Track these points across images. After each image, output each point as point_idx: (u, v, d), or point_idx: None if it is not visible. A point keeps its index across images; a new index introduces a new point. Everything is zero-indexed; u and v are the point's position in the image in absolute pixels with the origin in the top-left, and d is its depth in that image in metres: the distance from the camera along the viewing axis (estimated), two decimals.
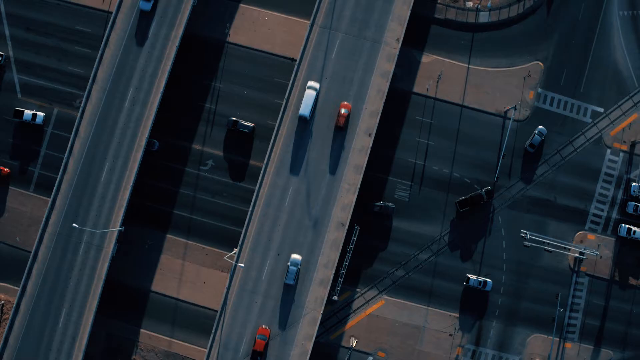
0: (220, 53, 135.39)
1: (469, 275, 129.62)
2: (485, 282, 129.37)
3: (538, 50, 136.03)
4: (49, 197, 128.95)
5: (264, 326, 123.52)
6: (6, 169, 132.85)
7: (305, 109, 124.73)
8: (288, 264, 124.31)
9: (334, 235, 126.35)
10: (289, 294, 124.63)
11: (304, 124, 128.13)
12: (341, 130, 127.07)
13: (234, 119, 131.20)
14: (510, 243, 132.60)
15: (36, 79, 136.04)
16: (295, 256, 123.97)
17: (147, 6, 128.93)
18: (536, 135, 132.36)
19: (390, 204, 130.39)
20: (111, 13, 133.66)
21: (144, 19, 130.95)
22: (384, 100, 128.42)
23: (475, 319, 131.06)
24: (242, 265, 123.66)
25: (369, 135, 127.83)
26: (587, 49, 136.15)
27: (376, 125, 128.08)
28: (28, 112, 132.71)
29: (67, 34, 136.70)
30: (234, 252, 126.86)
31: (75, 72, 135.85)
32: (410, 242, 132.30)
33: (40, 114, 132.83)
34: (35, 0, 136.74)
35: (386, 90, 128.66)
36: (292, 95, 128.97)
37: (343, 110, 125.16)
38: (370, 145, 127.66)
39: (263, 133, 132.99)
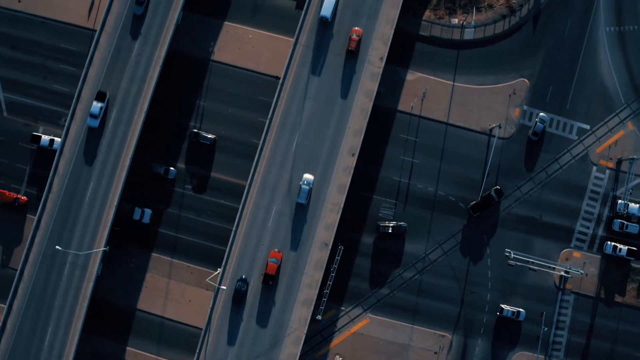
0: (205, 71, 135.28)
1: (502, 306, 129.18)
2: (518, 312, 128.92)
3: (524, 67, 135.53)
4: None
5: (276, 250, 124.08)
6: (24, 197, 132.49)
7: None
8: (300, 183, 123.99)
9: (317, 255, 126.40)
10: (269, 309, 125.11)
11: (287, 145, 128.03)
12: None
13: (195, 130, 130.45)
14: (496, 261, 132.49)
15: (22, 97, 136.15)
16: (308, 176, 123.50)
17: (140, 10, 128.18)
18: (538, 123, 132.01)
19: (402, 223, 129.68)
20: (96, 31, 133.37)
21: (128, 38, 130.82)
22: (367, 120, 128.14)
23: (461, 337, 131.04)
24: (225, 287, 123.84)
25: (353, 155, 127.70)
26: (574, 65, 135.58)
27: (359, 144, 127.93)
28: (45, 138, 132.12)
29: (53, 52, 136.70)
30: (217, 272, 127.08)
31: (61, 90, 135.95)
32: (394, 261, 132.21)
33: (58, 140, 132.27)
34: (20, 18, 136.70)
35: (369, 110, 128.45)
36: (275, 114, 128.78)
37: None
38: (354, 164, 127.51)
39: (248, 151, 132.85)
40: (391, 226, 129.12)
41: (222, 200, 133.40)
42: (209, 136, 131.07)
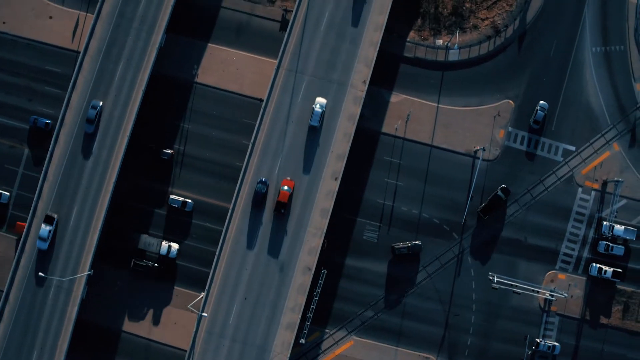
0: (189, 93, 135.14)
1: (538, 340, 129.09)
2: (554, 346, 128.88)
3: (509, 89, 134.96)
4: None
5: (288, 178, 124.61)
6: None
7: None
8: (313, 106, 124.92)
9: (300, 280, 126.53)
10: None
11: (270, 169, 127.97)
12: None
13: (153, 145, 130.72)
14: (480, 283, 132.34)
15: (7, 119, 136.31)
16: (321, 99, 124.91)
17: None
18: (539, 111, 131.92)
19: (417, 242, 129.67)
20: (80, 53, 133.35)
21: (112, 63, 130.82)
22: (350, 144, 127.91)
23: (445, 359, 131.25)
24: (206, 314, 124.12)
25: (335, 179, 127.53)
26: (559, 86, 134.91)
27: (342, 168, 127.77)
28: None
29: (38, 74, 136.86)
30: (201, 296, 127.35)
31: (46, 112, 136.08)
32: (379, 283, 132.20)
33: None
34: (5, 40, 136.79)
35: (352, 134, 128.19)
36: (258, 139, 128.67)
37: None
38: (337, 189, 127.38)
39: (232, 174, 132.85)
40: (407, 246, 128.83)
41: (207, 223, 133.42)
42: (167, 151, 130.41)
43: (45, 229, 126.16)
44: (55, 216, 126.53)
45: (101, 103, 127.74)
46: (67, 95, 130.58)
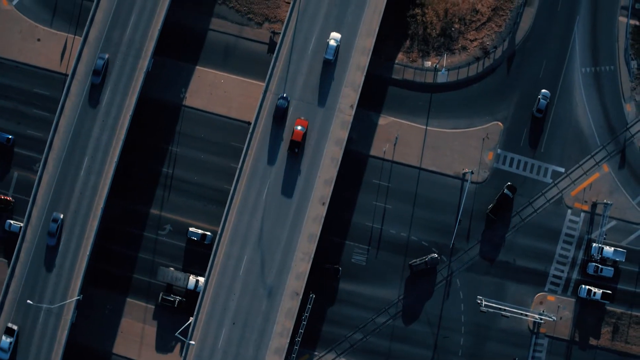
0: (177, 117, 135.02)
1: None
2: None
3: (498, 110, 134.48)
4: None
5: (302, 117, 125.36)
6: None
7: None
8: (328, 40, 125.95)
9: (288, 304, 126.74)
10: None
11: (258, 194, 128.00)
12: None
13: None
14: (469, 306, 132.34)
15: None
16: (336, 34, 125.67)
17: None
18: (541, 100, 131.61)
19: (432, 255, 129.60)
20: (68, 76, 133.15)
21: (99, 87, 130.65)
22: (337, 168, 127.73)
23: None
24: (193, 343, 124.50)
25: (323, 204, 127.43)
26: (548, 107, 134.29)
27: (330, 194, 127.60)
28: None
29: (26, 97, 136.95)
30: (189, 322, 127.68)
31: (35, 135, 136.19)
32: (367, 306, 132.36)
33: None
34: None
35: (340, 158, 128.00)
36: (245, 164, 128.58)
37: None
38: (324, 214, 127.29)
39: (220, 197, 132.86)
40: (424, 261, 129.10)
41: (195, 247, 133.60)
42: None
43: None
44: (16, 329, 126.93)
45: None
46: (55, 120, 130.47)
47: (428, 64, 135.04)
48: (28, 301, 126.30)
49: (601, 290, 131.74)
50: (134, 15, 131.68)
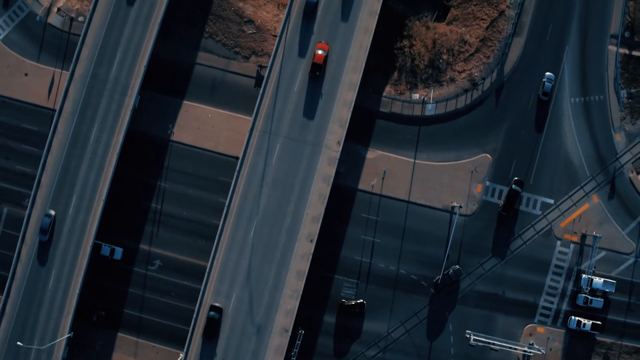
0: (165, 152, 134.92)
1: None
2: None
3: (486, 143, 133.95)
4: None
5: (322, 41, 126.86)
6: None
7: None
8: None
9: (277, 341, 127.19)
10: None
11: (245, 232, 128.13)
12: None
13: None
14: (458, 338, 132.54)
15: None
16: None
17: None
18: (546, 83, 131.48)
19: (454, 267, 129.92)
20: (55, 111, 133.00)
21: (86, 125, 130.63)
22: (325, 205, 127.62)
23: None
24: None
25: (311, 241, 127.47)
26: (537, 138, 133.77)
27: (317, 231, 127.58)
28: (106, 247, 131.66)
29: (15, 132, 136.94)
30: (180, 358, 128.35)
31: (24, 170, 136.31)
32: (357, 339, 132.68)
33: (119, 249, 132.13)
34: None
35: (327, 195, 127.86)
36: (233, 201, 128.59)
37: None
38: (312, 251, 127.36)
39: (209, 232, 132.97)
40: (449, 275, 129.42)
41: (185, 281, 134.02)
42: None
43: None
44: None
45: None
46: (42, 158, 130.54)
47: (416, 96, 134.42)
48: (18, 343, 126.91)
49: (591, 321, 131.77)
50: (119, 52, 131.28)
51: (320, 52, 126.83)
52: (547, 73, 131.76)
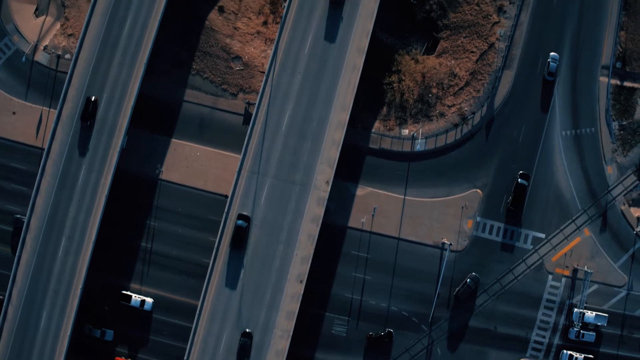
0: (154, 191, 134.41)
1: None
2: None
3: (477, 178, 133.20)
4: None
5: None
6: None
7: None
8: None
9: None
10: None
11: (235, 272, 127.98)
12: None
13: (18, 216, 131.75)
14: None
15: None
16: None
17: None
18: (551, 63, 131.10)
19: (470, 275, 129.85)
20: (44, 149, 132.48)
21: (74, 166, 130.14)
22: (314, 246, 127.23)
23: None
24: None
25: (300, 281, 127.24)
26: (528, 172, 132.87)
27: (307, 271, 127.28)
28: (136, 299, 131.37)
29: (3, 171, 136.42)
30: None
31: (13, 209, 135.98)
32: None
33: (149, 300, 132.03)
34: None
35: (316, 236, 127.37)
36: (223, 242, 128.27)
37: None
38: (302, 291, 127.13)
39: (199, 271, 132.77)
40: (468, 285, 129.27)
41: (177, 320, 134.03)
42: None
43: None
44: None
45: None
46: (31, 200, 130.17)
47: (405, 132, 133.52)
48: None
49: (583, 355, 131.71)
50: (106, 93, 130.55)
51: None
52: (552, 53, 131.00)
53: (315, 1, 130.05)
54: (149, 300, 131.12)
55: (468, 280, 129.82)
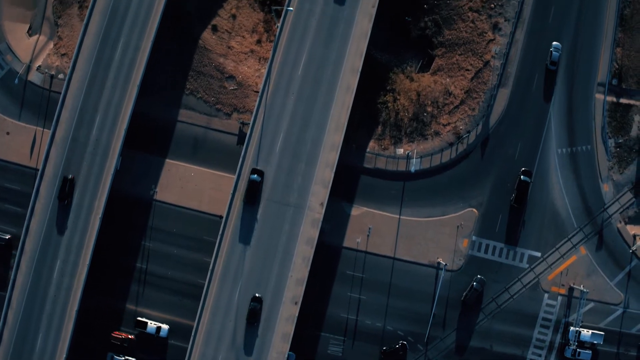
0: (149, 212, 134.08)
1: None
2: None
3: (472, 197, 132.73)
4: None
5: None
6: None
7: None
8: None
9: None
10: None
11: (230, 296, 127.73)
12: None
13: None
14: None
15: None
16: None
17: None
18: (554, 52, 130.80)
19: (476, 278, 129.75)
20: (38, 170, 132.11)
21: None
22: (309, 268, 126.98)
23: None
24: None
25: (295, 303, 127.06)
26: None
27: (302, 293, 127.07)
28: (152, 326, 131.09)
29: None
30: None
31: (8, 230, 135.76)
32: None
33: (165, 327, 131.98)
34: None
35: (311, 257, 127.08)
36: (217, 264, 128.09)
37: None
38: (297, 313, 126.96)
39: (194, 292, 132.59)
40: (473, 287, 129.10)
41: (172, 340, 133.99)
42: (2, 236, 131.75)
43: None
44: None
45: None
46: (25, 222, 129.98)
47: (400, 151, 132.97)
48: None
49: None
50: (99, 114, 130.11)
51: None
52: (554, 42, 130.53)
53: (308, 20, 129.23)
54: (165, 327, 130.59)
55: (474, 283, 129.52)
